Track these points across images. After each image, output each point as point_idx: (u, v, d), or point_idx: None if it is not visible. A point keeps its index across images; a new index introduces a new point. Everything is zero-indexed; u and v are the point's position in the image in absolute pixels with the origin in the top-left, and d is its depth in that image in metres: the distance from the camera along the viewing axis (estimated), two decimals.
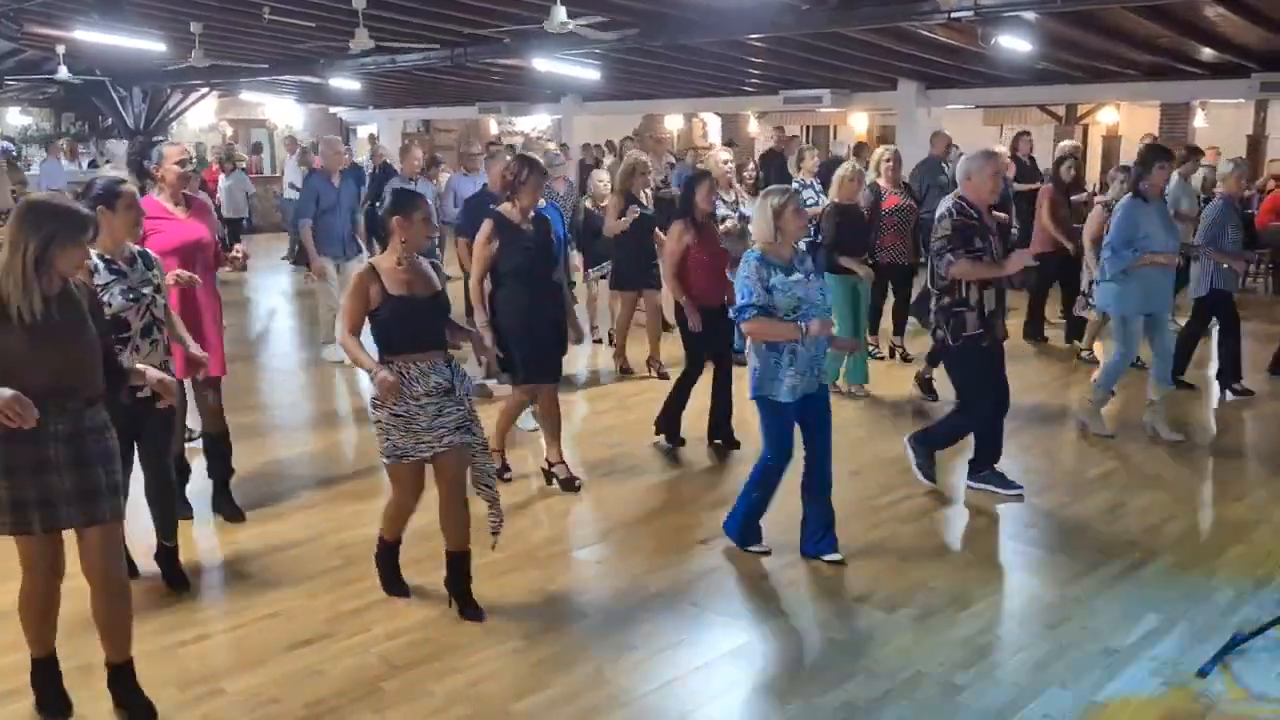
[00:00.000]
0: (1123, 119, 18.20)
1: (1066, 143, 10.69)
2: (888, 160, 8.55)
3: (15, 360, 3.31)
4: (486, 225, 5.82)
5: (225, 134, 23.61)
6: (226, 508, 5.60)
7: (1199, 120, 15.79)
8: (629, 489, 6.12)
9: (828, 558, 4.99)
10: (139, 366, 3.92)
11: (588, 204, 9.39)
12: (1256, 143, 16.56)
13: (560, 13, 9.17)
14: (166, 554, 4.81)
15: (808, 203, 9.47)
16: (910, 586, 4.82)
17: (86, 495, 3.47)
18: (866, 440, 6.97)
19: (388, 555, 4.74)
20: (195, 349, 4.76)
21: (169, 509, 4.81)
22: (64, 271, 3.42)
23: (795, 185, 9.74)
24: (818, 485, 5.05)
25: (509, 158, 6.47)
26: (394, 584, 4.72)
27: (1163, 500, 5.92)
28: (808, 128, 22.58)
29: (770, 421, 4.96)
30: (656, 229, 8.45)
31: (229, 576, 4.97)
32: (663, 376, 8.42)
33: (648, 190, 8.83)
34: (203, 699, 3.86)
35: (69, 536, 3.55)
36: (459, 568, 4.53)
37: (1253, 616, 4.34)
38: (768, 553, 5.08)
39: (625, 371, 8.85)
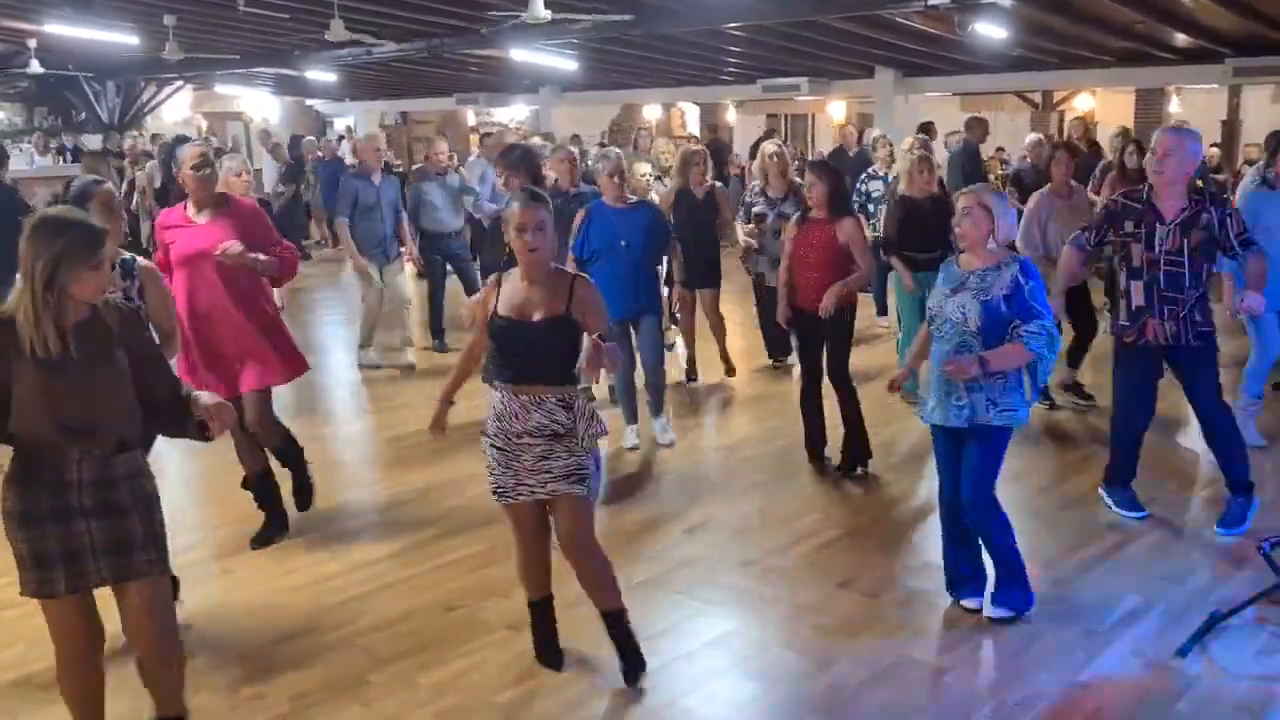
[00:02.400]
0: (1098, 105, 18.30)
1: (1119, 127, 10.20)
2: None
3: (27, 400, 2.95)
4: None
5: (200, 127, 23.42)
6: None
7: (1174, 106, 15.90)
8: (613, 477, 6.13)
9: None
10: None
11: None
12: (1231, 128, 16.67)
13: (538, 4, 9.15)
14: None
15: (874, 195, 9.15)
16: (893, 572, 4.85)
17: (119, 546, 3.06)
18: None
19: (536, 616, 4.06)
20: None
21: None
22: (82, 296, 2.98)
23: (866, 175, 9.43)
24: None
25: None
26: (545, 650, 4.04)
27: (1140, 483, 5.97)
28: (787, 116, 22.59)
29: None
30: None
31: (213, 572, 4.96)
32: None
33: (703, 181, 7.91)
34: (188, 693, 3.85)
35: (107, 602, 3.18)
36: (613, 628, 3.94)
37: (1230, 596, 4.39)
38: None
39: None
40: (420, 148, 17.05)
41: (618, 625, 3.90)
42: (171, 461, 6.28)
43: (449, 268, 9.43)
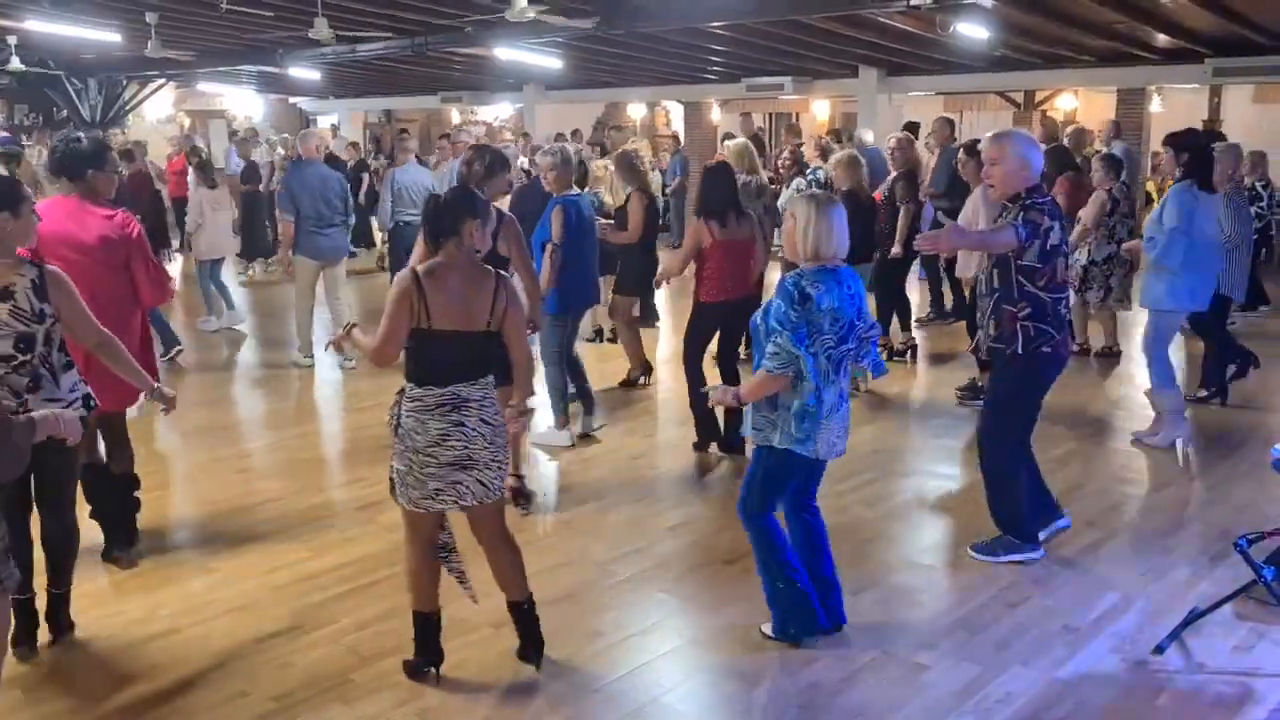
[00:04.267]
0: (1080, 105, 18.39)
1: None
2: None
3: None
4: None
5: (183, 125, 23.31)
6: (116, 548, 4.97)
7: (1155, 105, 15.97)
8: (595, 476, 6.14)
9: None
10: (34, 416, 3.09)
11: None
12: (1212, 126, 16.78)
13: (520, 3, 9.14)
14: (54, 600, 4.20)
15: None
16: (874, 570, 4.88)
17: None
18: None
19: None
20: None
21: (70, 554, 4.19)
22: None
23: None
24: None
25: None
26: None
27: (1120, 480, 6.02)
28: (771, 115, 22.63)
29: None
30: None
31: (195, 571, 4.94)
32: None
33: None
34: (171, 693, 3.85)
35: None
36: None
37: (1208, 593, 4.43)
38: None
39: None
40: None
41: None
42: (152, 461, 6.25)
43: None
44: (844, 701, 3.80)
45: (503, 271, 3.91)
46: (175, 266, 11.51)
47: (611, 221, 8.15)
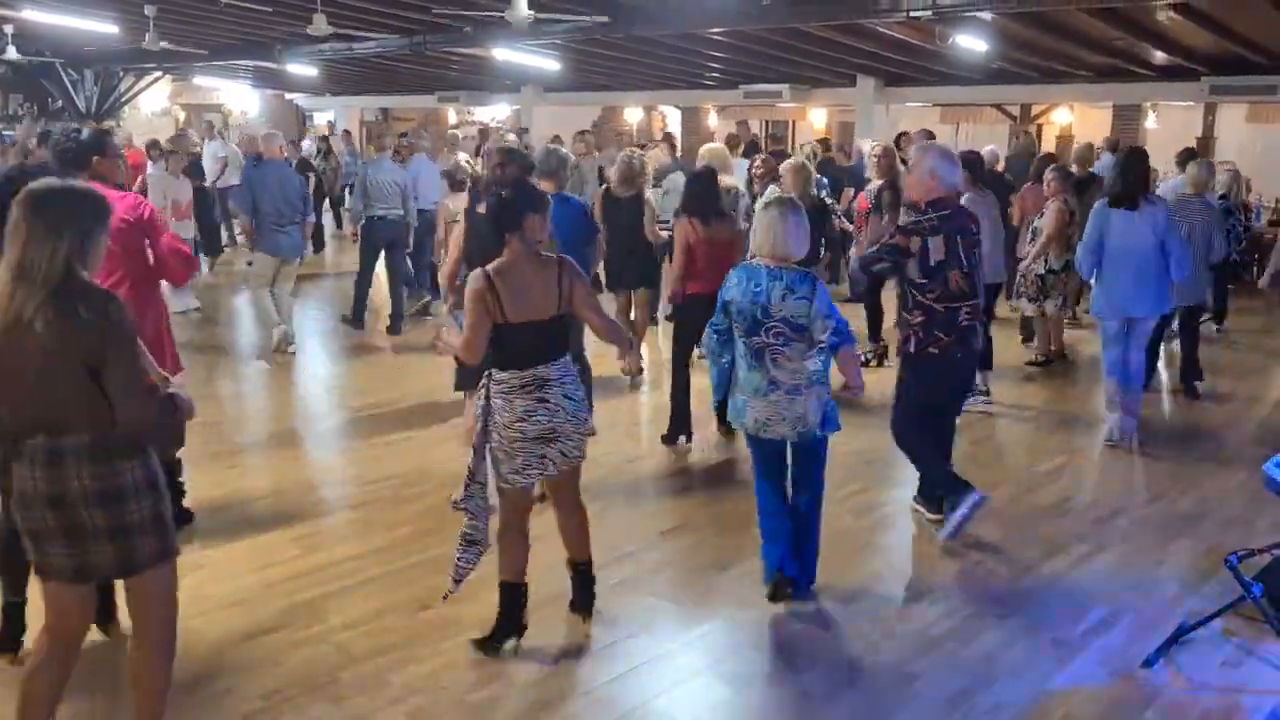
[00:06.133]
0: (1076, 119, 18.46)
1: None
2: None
3: None
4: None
5: (178, 119, 23.28)
6: None
7: (1150, 122, 16.05)
8: (593, 478, 6.11)
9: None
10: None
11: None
12: (1206, 144, 16.87)
13: (521, 5, 9.14)
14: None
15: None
16: (866, 579, 4.89)
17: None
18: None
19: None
20: None
21: None
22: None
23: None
24: None
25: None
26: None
27: (1111, 495, 6.04)
28: (767, 122, 22.67)
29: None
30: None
31: (185, 568, 4.91)
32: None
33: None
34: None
35: None
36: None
37: (1197, 608, 4.44)
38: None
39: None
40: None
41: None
42: None
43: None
44: (834, 709, 3.80)
45: (564, 256, 4.07)
46: None
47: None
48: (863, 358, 8.70)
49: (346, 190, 16.39)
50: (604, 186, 8.31)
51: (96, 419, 2.91)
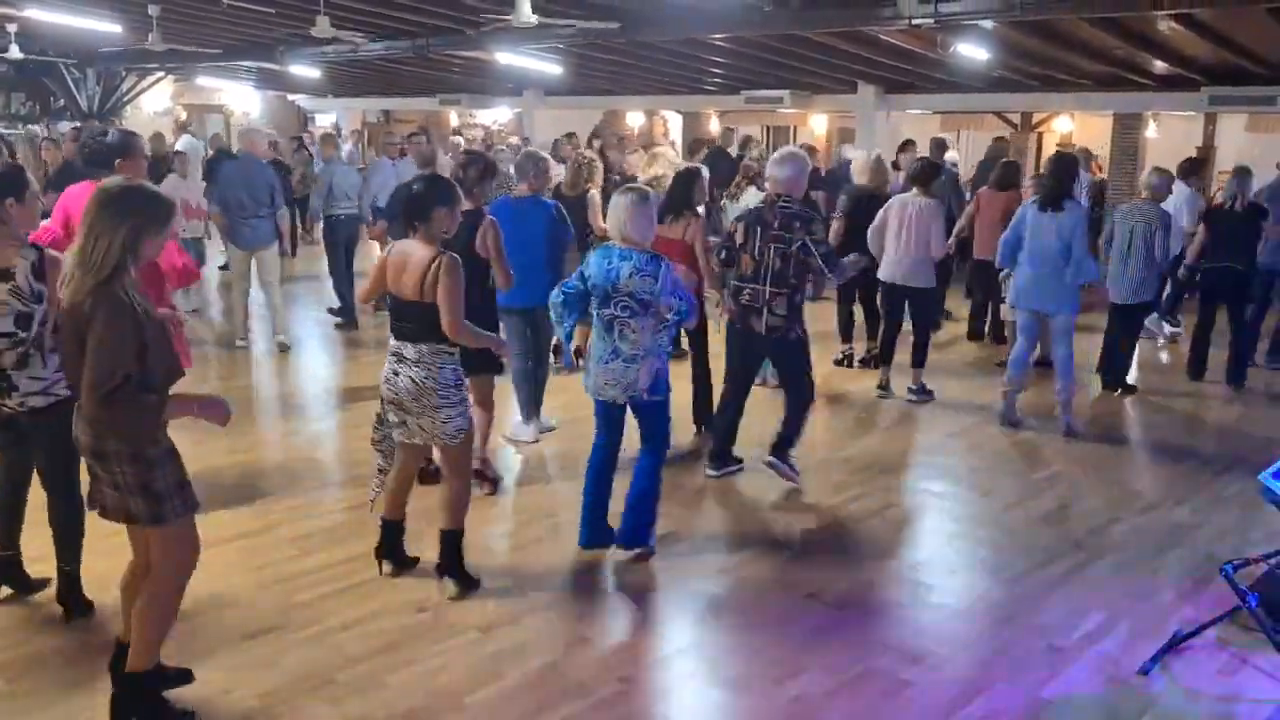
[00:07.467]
0: (1076, 128, 18.47)
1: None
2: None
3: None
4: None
5: (180, 119, 23.28)
6: None
7: (1151, 131, 16.05)
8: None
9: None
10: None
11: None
12: (1206, 153, 16.88)
13: (525, 9, 9.15)
14: (67, 579, 4.32)
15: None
16: (860, 584, 4.89)
17: None
18: (818, 441, 7.04)
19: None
20: None
21: (77, 533, 4.28)
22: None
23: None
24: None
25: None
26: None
27: (1107, 502, 6.05)
28: (768, 128, 22.69)
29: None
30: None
31: None
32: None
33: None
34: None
35: None
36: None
37: (1192, 617, 4.45)
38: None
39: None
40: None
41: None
42: None
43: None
44: (829, 714, 3.80)
45: (453, 255, 4.35)
46: None
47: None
48: (837, 355, 9.14)
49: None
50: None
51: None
